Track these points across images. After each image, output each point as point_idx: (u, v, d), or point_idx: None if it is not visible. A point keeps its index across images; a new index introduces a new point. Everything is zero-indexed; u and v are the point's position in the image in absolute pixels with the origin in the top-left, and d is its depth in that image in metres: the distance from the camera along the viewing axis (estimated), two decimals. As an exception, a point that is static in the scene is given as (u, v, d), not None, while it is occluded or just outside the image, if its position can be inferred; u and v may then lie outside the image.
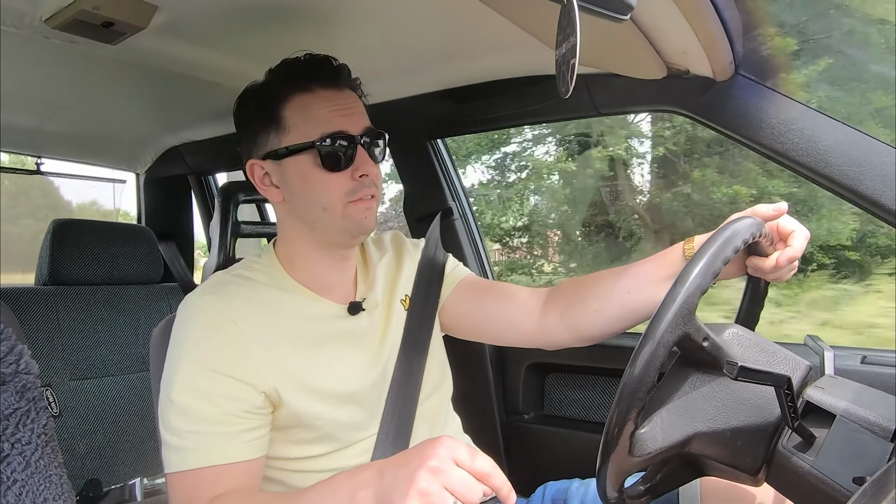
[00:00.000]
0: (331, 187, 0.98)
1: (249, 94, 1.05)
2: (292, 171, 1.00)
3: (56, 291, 1.90)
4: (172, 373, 0.92)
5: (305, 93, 0.99)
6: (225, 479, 0.89)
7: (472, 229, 1.87)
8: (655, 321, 0.70)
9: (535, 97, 1.49)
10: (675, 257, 1.01)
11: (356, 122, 1.01)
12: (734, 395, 0.74)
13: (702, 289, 0.72)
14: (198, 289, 1.00)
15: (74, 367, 1.87)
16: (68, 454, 1.79)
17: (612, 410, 0.70)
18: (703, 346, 0.72)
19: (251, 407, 0.92)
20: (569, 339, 1.11)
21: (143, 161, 2.41)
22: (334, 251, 1.06)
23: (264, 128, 1.01)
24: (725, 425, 0.73)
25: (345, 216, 0.99)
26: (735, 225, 0.79)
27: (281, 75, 1.01)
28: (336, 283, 1.08)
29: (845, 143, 1.06)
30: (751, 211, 0.92)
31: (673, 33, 1.05)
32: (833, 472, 0.66)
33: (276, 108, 1.00)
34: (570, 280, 1.14)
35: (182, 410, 0.89)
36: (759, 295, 0.96)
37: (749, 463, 0.73)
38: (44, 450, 0.69)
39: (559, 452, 1.69)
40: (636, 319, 1.04)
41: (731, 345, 0.76)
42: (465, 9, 1.11)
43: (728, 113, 1.18)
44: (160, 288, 2.15)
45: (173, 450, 0.90)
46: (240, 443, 0.90)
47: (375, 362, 1.07)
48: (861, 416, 0.68)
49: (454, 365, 1.23)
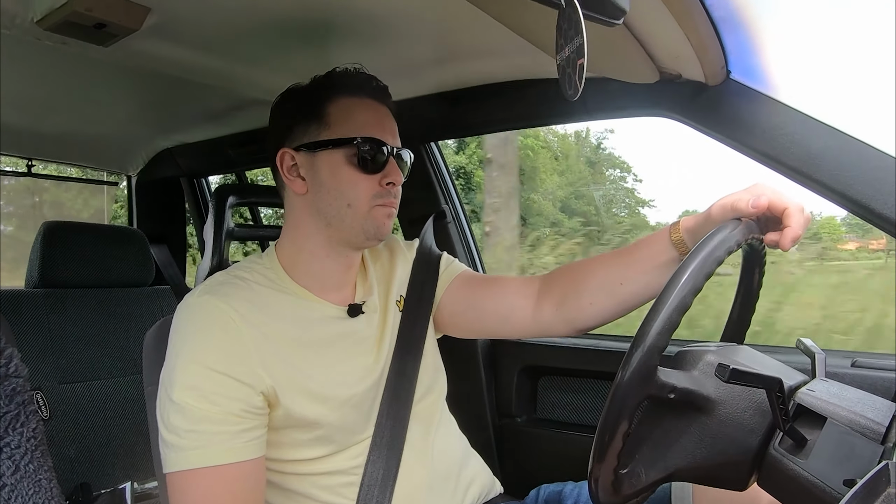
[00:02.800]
0: (360, 187, 1.02)
1: (294, 89, 1.09)
2: (325, 164, 1.02)
3: (46, 294, 1.89)
4: (171, 372, 0.92)
5: (352, 97, 1.05)
6: (225, 479, 0.89)
7: (465, 232, 1.87)
8: (646, 325, 0.71)
9: (529, 101, 1.49)
10: (663, 245, 0.99)
11: (393, 138, 1.07)
12: (711, 431, 0.74)
13: (684, 306, 0.72)
14: (197, 288, 1.00)
15: (64, 371, 1.86)
16: (58, 458, 1.78)
17: (604, 413, 0.71)
18: (670, 397, 0.72)
19: (250, 407, 0.92)
20: (565, 331, 1.12)
21: (136, 163, 2.40)
22: (343, 251, 1.07)
23: (304, 120, 1.04)
24: (705, 460, 0.74)
25: (368, 216, 1.02)
26: (720, 234, 0.77)
27: (331, 78, 1.06)
28: (337, 285, 1.09)
29: (835, 147, 1.07)
30: (731, 206, 0.87)
31: (665, 38, 1.06)
32: (824, 475, 0.66)
33: (322, 103, 1.04)
34: (563, 268, 1.14)
35: (182, 410, 0.89)
36: (751, 298, 0.95)
37: (734, 482, 0.75)
38: (33, 454, 0.68)
39: (552, 455, 1.69)
40: (631, 308, 1.05)
41: (707, 378, 0.75)
42: (460, 13, 1.11)
43: (720, 117, 1.19)
44: (151, 291, 2.14)
45: (173, 449, 0.90)
46: (240, 443, 0.90)
47: (374, 366, 1.07)
48: (851, 419, 0.69)
49: (447, 367, 1.23)
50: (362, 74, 1.07)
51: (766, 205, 0.84)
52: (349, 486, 1.01)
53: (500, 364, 1.81)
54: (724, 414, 0.73)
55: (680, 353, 0.80)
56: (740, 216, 0.85)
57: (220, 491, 0.89)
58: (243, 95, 1.60)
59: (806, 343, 0.88)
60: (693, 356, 0.77)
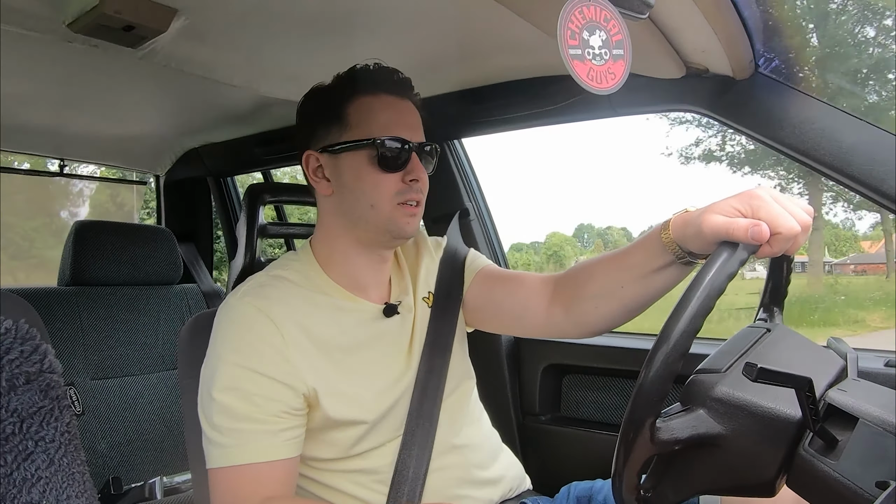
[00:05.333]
0: (382, 186, 1.02)
1: (316, 90, 1.09)
2: (347, 165, 1.03)
3: (78, 292, 1.93)
4: (213, 372, 0.94)
5: (371, 96, 1.04)
6: (265, 476, 0.92)
7: (488, 230, 1.87)
8: (670, 323, 0.70)
9: (552, 98, 1.48)
10: (656, 248, 0.94)
11: (414, 133, 1.05)
12: (728, 463, 0.73)
13: (707, 308, 0.71)
14: (238, 290, 1.02)
15: (96, 367, 1.90)
16: (90, 452, 1.82)
17: (628, 413, 0.70)
18: (676, 449, 0.72)
19: (289, 408, 0.94)
20: (576, 334, 1.10)
21: (163, 163, 2.44)
22: (373, 251, 1.08)
23: (326, 122, 1.05)
24: (728, 482, 0.74)
25: (390, 217, 1.02)
26: (718, 263, 0.74)
27: (350, 77, 1.06)
28: (372, 284, 1.10)
29: (868, 141, 1.04)
30: (726, 232, 0.77)
31: (692, 32, 1.04)
32: (855, 476, 0.65)
33: (341, 105, 1.04)
34: (573, 269, 1.11)
35: (223, 408, 0.92)
36: (782, 272, 0.93)
37: (762, 492, 0.73)
38: (67, 448, 0.70)
39: (577, 453, 1.68)
40: (635, 310, 1.02)
41: (717, 416, 0.73)
42: (481, 8, 1.11)
43: (748, 112, 1.17)
44: (179, 289, 2.18)
45: (215, 446, 0.93)
46: (280, 441, 0.93)
47: (407, 366, 1.08)
48: (884, 420, 0.67)
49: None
50: (382, 70, 1.06)
51: (766, 237, 0.76)
52: (381, 483, 1.03)
53: (523, 362, 1.81)
54: (739, 447, 0.72)
55: (689, 383, 0.77)
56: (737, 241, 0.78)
57: (260, 487, 0.91)
58: (268, 94, 1.62)
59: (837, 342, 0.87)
60: (702, 388, 0.75)
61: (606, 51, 0.72)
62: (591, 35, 0.72)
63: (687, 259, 0.90)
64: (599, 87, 0.73)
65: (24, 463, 0.66)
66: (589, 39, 0.71)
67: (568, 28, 0.69)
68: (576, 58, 0.71)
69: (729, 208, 0.79)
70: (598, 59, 0.72)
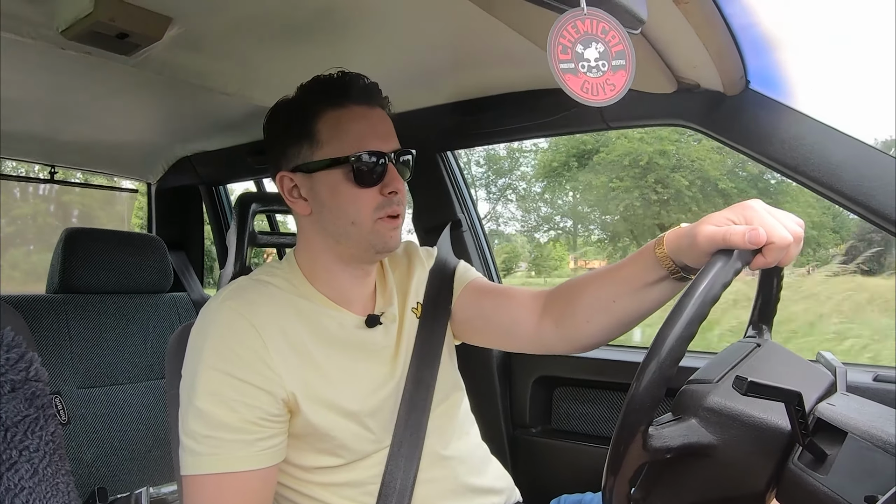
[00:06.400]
0: (361, 202, 1.00)
1: (281, 107, 1.06)
2: (323, 184, 1.01)
3: (66, 300, 1.91)
4: (193, 377, 0.93)
5: (339, 108, 1.01)
6: (237, 486, 0.90)
7: (480, 241, 1.87)
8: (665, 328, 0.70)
9: (546, 110, 1.49)
10: (650, 263, 0.94)
11: (388, 141, 1.03)
12: (718, 472, 0.73)
13: (701, 316, 0.71)
14: (220, 293, 1.01)
15: (83, 376, 1.88)
16: (75, 462, 1.80)
17: (621, 418, 0.70)
18: (668, 458, 0.72)
19: (268, 415, 0.93)
20: (565, 349, 1.10)
21: (155, 171, 2.43)
22: (357, 265, 1.07)
23: (296, 141, 1.02)
24: (718, 493, 0.74)
25: (372, 231, 1.01)
26: (714, 271, 0.75)
27: (314, 90, 1.03)
28: (356, 296, 1.09)
29: (856, 157, 1.05)
30: (723, 240, 0.79)
31: (683, 47, 1.05)
32: (844, 491, 0.65)
33: (310, 122, 1.01)
34: (564, 285, 1.11)
35: (201, 415, 0.90)
36: (772, 289, 0.94)
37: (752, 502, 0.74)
38: (52, 457, 0.69)
39: (567, 466, 1.68)
40: (627, 326, 1.02)
41: (708, 425, 0.74)
42: (475, 21, 1.12)
43: (739, 127, 1.18)
44: (169, 297, 2.16)
45: (189, 453, 0.91)
46: (255, 451, 0.91)
47: (391, 375, 1.07)
48: (873, 434, 0.67)
49: (461, 377, 1.22)
50: (346, 78, 1.03)
51: (764, 241, 0.77)
52: (368, 495, 1.01)
53: (514, 374, 1.80)
54: (730, 457, 0.72)
55: (681, 393, 0.78)
56: (733, 248, 0.79)
57: (231, 497, 0.90)
58: (262, 103, 1.62)
59: (827, 357, 0.87)
60: (694, 398, 0.76)
61: (605, 62, 0.72)
62: (585, 48, 0.72)
63: (680, 274, 0.91)
64: (595, 99, 0.73)
65: (7, 473, 0.65)
66: (584, 53, 0.72)
67: (559, 43, 0.70)
68: (568, 72, 0.71)
69: (723, 219, 0.81)
70: (594, 72, 0.72)
